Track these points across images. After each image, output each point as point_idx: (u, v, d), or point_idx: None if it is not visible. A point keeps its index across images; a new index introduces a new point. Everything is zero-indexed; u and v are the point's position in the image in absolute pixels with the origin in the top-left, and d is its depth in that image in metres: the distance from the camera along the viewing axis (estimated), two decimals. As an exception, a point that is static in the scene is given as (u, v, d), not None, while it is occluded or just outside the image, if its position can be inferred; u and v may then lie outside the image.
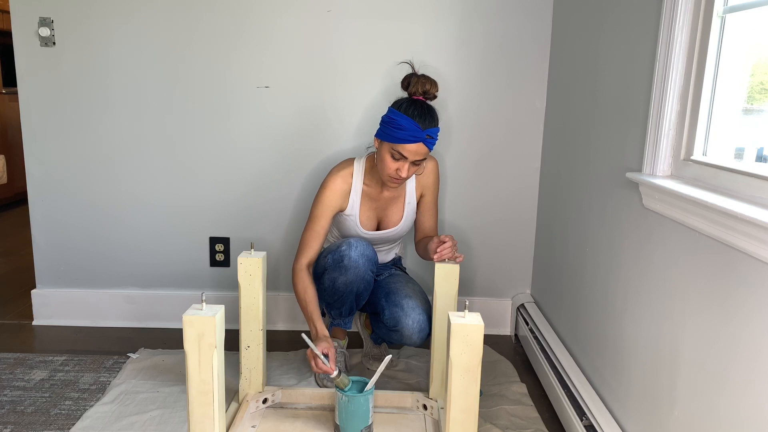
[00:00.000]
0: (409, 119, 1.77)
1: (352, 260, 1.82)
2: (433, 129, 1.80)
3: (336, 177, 1.93)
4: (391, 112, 1.82)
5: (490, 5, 2.21)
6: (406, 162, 1.81)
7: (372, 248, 1.90)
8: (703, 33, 1.28)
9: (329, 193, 1.91)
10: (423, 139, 1.77)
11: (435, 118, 1.81)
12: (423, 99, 1.83)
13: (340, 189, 1.92)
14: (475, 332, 1.40)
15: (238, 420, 1.67)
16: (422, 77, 1.84)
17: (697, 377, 1.17)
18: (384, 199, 1.97)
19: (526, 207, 2.37)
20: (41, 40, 2.21)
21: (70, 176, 2.33)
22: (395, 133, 1.78)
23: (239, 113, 2.28)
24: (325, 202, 1.91)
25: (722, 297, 1.10)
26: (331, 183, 1.92)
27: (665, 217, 1.31)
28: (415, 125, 1.76)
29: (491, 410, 1.85)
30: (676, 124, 1.35)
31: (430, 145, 1.80)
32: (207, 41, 2.23)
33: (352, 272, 1.83)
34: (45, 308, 2.42)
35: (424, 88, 1.83)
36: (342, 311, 1.94)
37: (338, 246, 1.87)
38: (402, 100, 1.84)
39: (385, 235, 2.01)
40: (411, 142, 1.77)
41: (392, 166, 1.82)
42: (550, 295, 2.17)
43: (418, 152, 1.79)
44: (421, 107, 1.80)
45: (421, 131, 1.77)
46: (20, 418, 1.76)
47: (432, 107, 1.83)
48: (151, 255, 2.39)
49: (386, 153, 1.82)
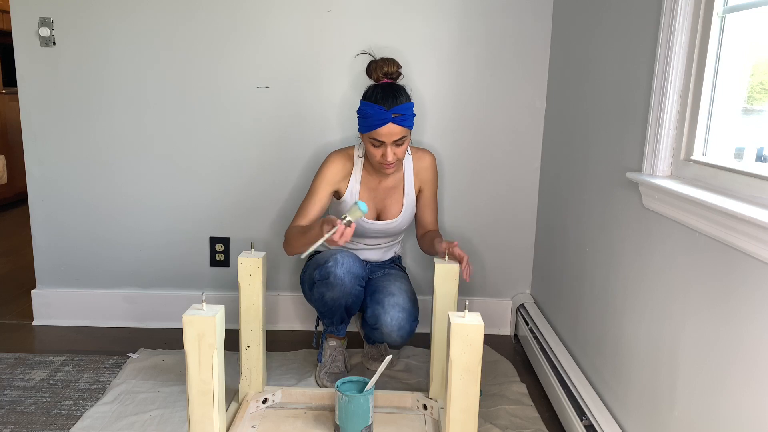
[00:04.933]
0: (373, 105, 1.80)
1: (338, 278, 1.82)
2: (400, 106, 1.80)
3: (338, 155, 1.95)
4: (360, 104, 1.86)
5: (491, 5, 2.21)
6: (386, 146, 1.82)
7: (359, 262, 1.89)
8: (703, 33, 1.28)
9: (331, 167, 1.93)
10: (390, 119, 1.78)
11: (400, 95, 1.82)
12: (388, 80, 1.86)
13: (342, 167, 1.94)
14: (475, 332, 1.40)
15: (238, 420, 1.67)
16: (380, 60, 1.87)
17: (697, 377, 1.17)
18: (383, 189, 1.98)
19: (526, 207, 2.37)
20: (41, 40, 2.21)
21: (70, 176, 2.33)
22: (365, 122, 1.82)
23: (239, 113, 2.28)
24: (326, 176, 1.92)
25: (722, 297, 1.10)
26: (332, 160, 1.94)
27: (665, 217, 1.31)
28: (379, 109, 1.79)
29: (491, 410, 1.85)
30: (676, 124, 1.35)
31: (401, 122, 1.80)
32: (207, 41, 2.23)
33: (339, 289, 1.83)
34: (45, 308, 2.42)
35: (383, 70, 1.86)
36: (333, 320, 1.95)
37: (325, 260, 1.85)
38: (368, 89, 1.87)
39: (385, 226, 1.99)
40: (380, 126, 1.79)
41: (376, 153, 1.84)
42: (550, 295, 2.17)
43: (392, 133, 1.80)
44: (383, 89, 1.82)
45: (386, 112, 1.78)
46: (20, 418, 1.76)
47: (396, 85, 1.84)
48: (151, 255, 2.39)
49: (368, 143, 1.86)
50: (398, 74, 1.89)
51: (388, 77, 1.87)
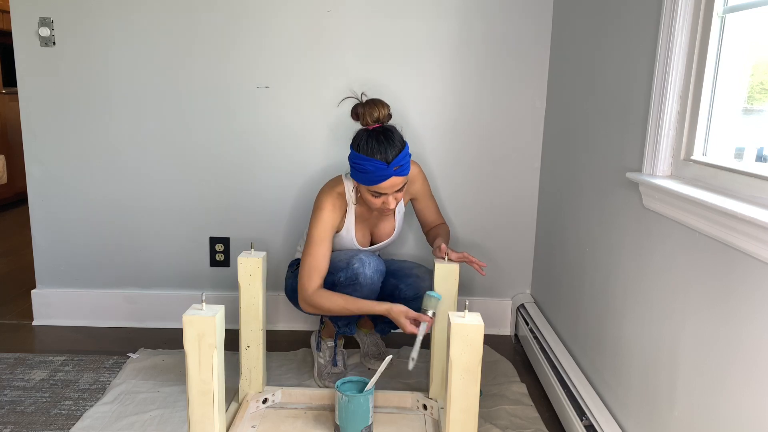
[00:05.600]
0: (371, 160, 1.70)
1: (368, 278, 1.80)
2: (399, 157, 1.71)
3: (330, 199, 1.83)
4: (353, 156, 1.75)
5: (491, 5, 2.21)
6: (388, 195, 1.76)
7: (380, 259, 1.89)
8: (703, 33, 1.28)
9: (328, 214, 1.82)
10: (393, 173, 1.71)
11: (396, 142, 1.73)
12: (378, 125, 1.76)
13: (338, 210, 1.85)
14: (475, 332, 1.40)
15: (238, 420, 1.67)
16: (368, 104, 1.77)
17: (697, 377, 1.17)
18: (375, 216, 1.96)
19: (526, 207, 2.37)
20: (41, 40, 2.21)
21: (70, 176, 2.33)
22: (364, 177, 1.73)
23: (239, 113, 2.28)
24: (326, 223, 1.82)
25: (722, 297, 1.10)
26: (326, 206, 1.82)
27: (665, 217, 1.31)
28: (380, 165, 1.70)
29: (491, 410, 1.85)
30: (676, 124, 1.35)
31: (402, 173, 1.73)
32: (207, 41, 2.23)
33: (367, 288, 1.81)
34: (45, 308, 2.42)
35: (374, 117, 1.75)
36: (350, 320, 1.94)
37: (348, 263, 1.81)
38: (359, 137, 1.76)
39: (379, 247, 2.02)
40: (382, 182, 1.72)
41: (377, 203, 1.78)
42: (550, 295, 2.17)
43: (395, 185, 1.74)
44: (378, 139, 1.71)
45: (387, 167, 1.70)
46: (20, 418, 1.76)
47: (390, 132, 1.74)
48: (151, 255, 2.39)
49: (365, 193, 1.78)
50: (389, 117, 1.78)
51: (379, 122, 1.76)
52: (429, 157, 2.32)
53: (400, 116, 2.26)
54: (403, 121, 2.27)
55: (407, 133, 2.27)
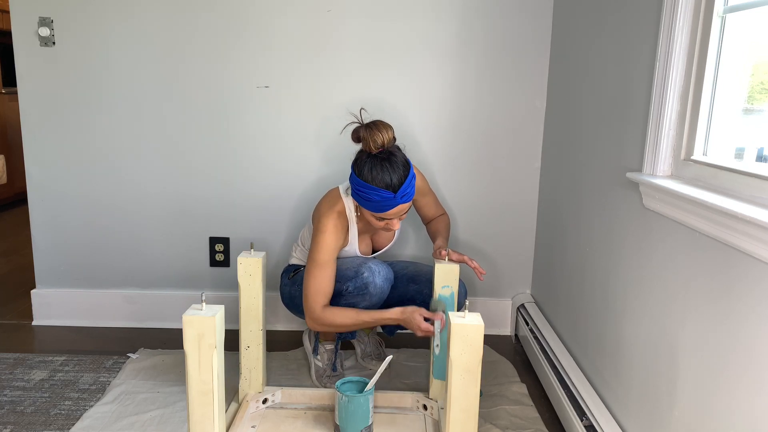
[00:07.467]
0: (377, 189, 1.65)
1: (378, 287, 1.79)
2: (405, 184, 1.67)
3: (332, 218, 1.77)
4: (356, 182, 1.69)
5: (490, 5, 2.21)
6: (393, 219, 1.74)
7: (388, 266, 1.87)
8: (703, 33, 1.28)
9: (330, 236, 1.76)
10: (400, 202, 1.67)
11: (400, 168, 1.67)
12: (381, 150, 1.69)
13: (341, 230, 1.80)
14: (475, 332, 1.40)
15: (238, 420, 1.67)
16: (371, 128, 1.69)
17: (697, 377, 1.17)
18: (374, 228, 1.94)
19: (526, 207, 2.37)
20: (41, 40, 2.21)
21: (69, 176, 2.33)
22: (369, 205, 1.69)
23: (239, 113, 2.28)
24: (329, 245, 1.76)
25: (722, 296, 1.10)
26: (329, 226, 1.76)
27: (665, 216, 1.31)
28: (385, 195, 1.65)
29: (491, 410, 1.85)
30: (677, 124, 1.35)
31: (409, 199, 1.70)
32: (207, 41, 2.23)
33: (377, 297, 1.81)
34: (45, 308, 2.42)
35: (377, 143, 1.67)
36: None
37: (357, 272, 1.79)
38: (362, 163, 1.69)
39: (380, 254, 2.03)
40: (388, 210, 1.69)
41: (380, 224, 1.76)
42: (550, 295, 2.17)
43: (401, 210, 1.71)
44: (383, 166, 1.65)
45: (394, 197, 1.66)
46: (20, 418, 1.76)
47: (394, 157, 1.68)
48: (151, 255, 2.39)
49: (369, 216, 1.75)
50: (393, 140, 1.70)
51: (383, 147, 1.69)
52: (429, 157, 2.32)
53: (400, 116, 2.26)
54: (404, 121, 2.27)
55: (407, 133, 2.27)
